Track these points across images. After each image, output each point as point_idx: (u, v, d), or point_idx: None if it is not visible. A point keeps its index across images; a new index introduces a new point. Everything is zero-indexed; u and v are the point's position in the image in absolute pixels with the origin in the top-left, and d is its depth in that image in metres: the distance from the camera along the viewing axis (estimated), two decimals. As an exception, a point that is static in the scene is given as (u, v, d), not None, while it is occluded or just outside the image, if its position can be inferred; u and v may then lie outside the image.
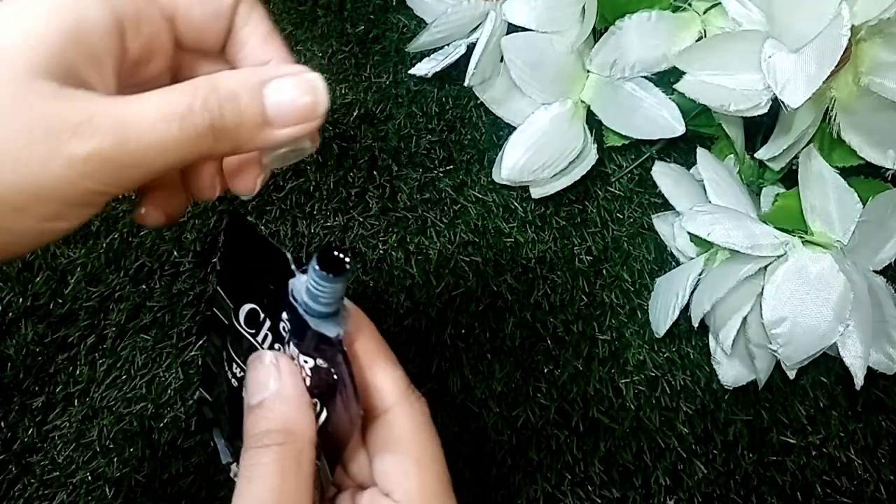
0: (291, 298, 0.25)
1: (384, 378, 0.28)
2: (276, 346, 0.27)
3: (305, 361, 0.26)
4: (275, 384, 0.26)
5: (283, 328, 0.26)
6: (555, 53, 0.46)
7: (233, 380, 0.30)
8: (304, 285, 0.24)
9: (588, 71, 0.47)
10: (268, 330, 0.27)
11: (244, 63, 0.26)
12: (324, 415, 0.26)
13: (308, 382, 0.26)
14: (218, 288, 0.29)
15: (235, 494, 0.24)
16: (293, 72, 0.23)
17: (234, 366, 0.29)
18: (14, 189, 0.20)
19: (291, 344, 0.26)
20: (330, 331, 0.25)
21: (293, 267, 0.25)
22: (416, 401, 0.28)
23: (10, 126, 0.19)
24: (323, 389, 0.26)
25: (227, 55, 0.27)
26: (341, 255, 0.24)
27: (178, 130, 0.21)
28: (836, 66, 0.37)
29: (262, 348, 0.28)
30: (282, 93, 0.23)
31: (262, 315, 0.27)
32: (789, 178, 0.46)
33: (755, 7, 0.42)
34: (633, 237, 0.49)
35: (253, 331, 0.28)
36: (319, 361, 0.26)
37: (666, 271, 0.47)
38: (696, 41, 0.44)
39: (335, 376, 0.25)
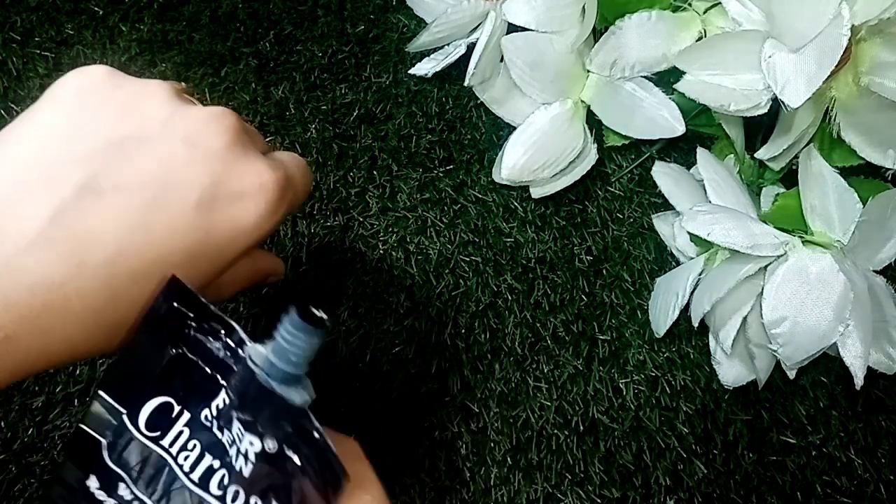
0: (250, 363, 0.23)
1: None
2: (193, 441, 0.24)
3: (251, 443, 0.23)
4: None
5: (208, 416, 0.24)
6: (555, 53, 0.46)
7: None
8: (269, 347, 0.23)
9: (588, 71, 0.47)
10: (184, 425, 0.24)
11: None
12: None
13: (247, 474, 0.23)
14: (100, 392, 0.25)
15: None
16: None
17: (120, 487, 0.24)
18: None
19: (233, 425, 0.23)
20: (295, 398, 0.23)
21: (243, 335, 0.23)
22: None
23: None
24: (272, 481, 0.23)
25: None
26: (319, 313, 0.23)
27: None
28: (836, 66, 0.37)
29: (171, 453, 0.24)
30: None
31: (178, 408, 0.24)
32: (789, 178, 0.46)
33: (755, 7, 0.42)
34: (633, 237, 0.49)
35: (157, 433, 0.24)
36: (269, 444, 0.23)
37: (666, 271, 0.47)
38: (696, 41, 0.44)
39: (294, 459, 0.22)
